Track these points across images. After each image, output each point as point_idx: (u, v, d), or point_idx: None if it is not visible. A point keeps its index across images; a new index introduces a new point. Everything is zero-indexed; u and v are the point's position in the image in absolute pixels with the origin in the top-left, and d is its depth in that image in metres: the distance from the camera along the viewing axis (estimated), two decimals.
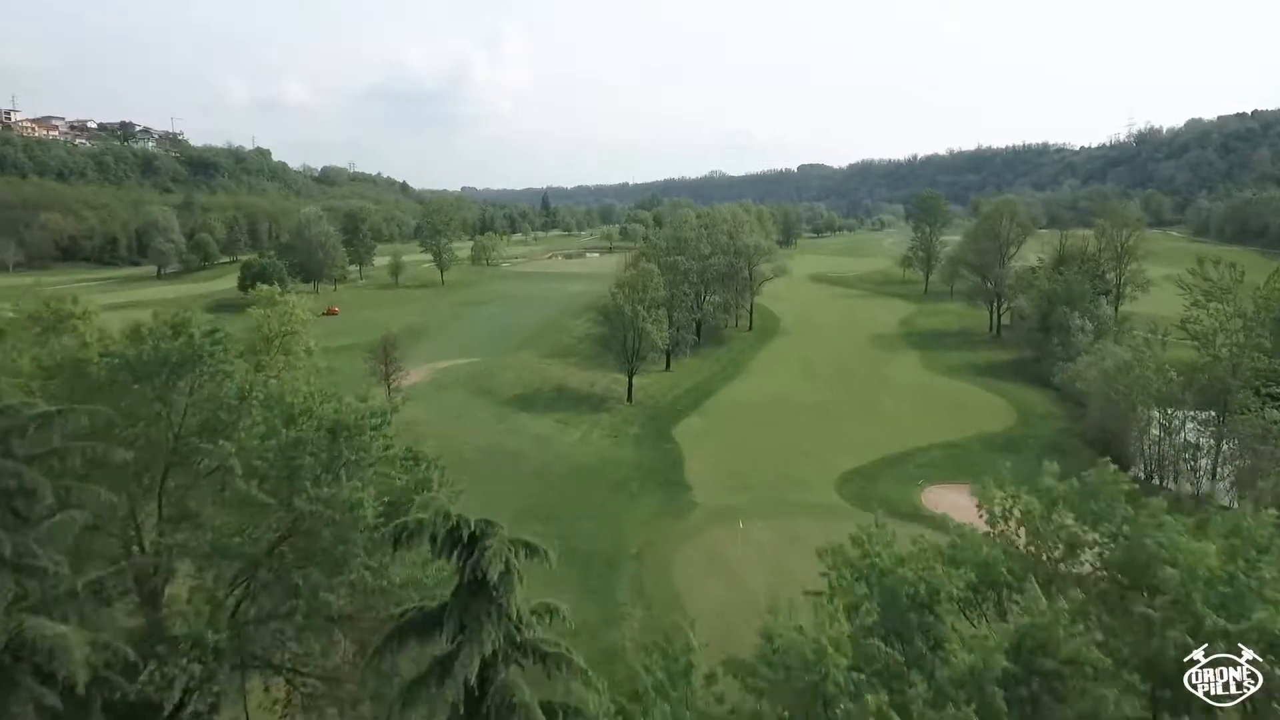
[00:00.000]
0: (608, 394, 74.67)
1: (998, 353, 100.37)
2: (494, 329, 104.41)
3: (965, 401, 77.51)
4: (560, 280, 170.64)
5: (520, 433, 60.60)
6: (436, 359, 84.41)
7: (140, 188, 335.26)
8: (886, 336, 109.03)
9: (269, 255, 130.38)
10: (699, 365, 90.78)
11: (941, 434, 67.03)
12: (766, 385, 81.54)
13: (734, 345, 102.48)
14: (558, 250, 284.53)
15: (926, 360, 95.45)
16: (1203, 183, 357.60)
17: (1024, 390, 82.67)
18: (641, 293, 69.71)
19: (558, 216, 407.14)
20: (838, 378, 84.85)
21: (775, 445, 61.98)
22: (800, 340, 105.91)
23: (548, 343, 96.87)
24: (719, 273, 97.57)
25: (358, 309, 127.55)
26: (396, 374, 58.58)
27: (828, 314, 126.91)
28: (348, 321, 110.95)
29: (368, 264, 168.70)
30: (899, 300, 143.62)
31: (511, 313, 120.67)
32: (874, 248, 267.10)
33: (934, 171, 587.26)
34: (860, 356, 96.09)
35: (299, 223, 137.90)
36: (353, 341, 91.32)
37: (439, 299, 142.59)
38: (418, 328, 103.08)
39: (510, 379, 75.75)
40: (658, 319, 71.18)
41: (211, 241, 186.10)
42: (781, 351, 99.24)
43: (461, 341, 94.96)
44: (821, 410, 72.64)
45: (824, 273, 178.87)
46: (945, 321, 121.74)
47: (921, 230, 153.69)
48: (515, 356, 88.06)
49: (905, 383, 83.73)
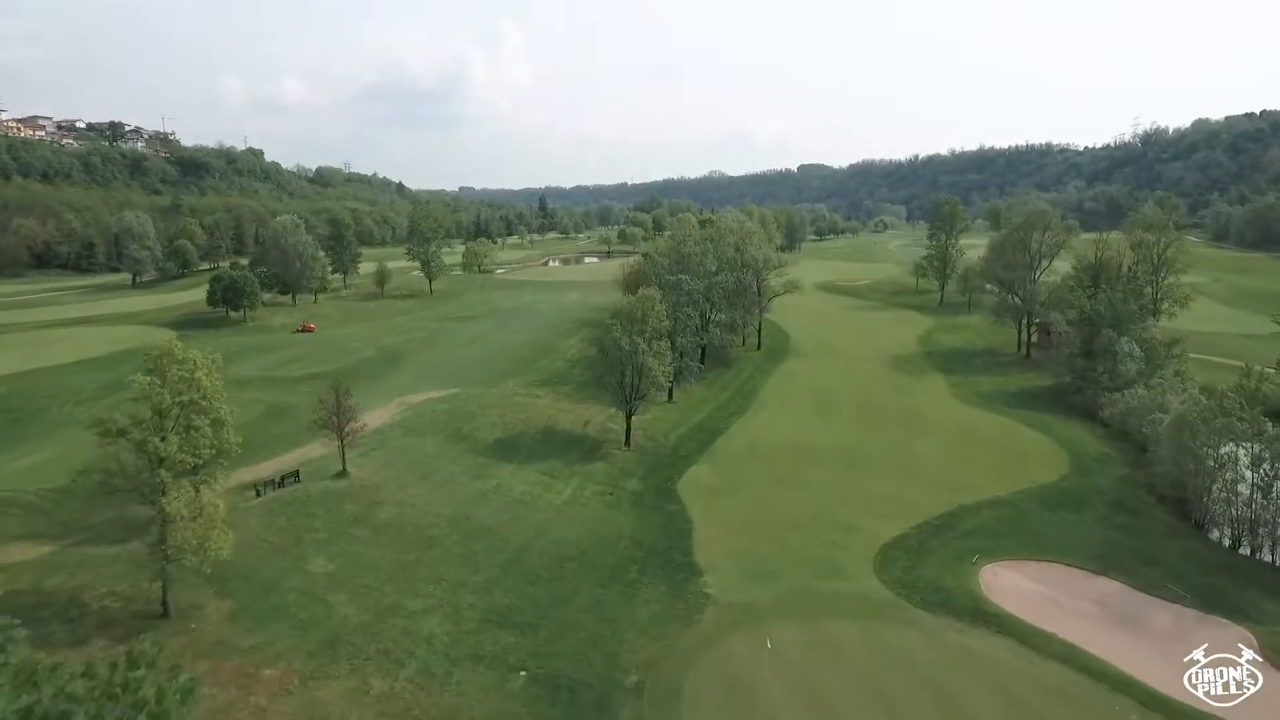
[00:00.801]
0: (603, 436, 64.97)
1: (1030, 377, 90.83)
2: (479, 352, 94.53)
3: (1008, 442, 67.91)
4: (555, 290, 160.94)
5: (498, 495, 50.78)
6: (411, 391, 74.61)
7: (128, 189, 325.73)
8: (907, 358, 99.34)
9: (241, 268, 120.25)
10: (705, 394, 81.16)
11: (988, 486, 57.53)
12: (781, 423, 71.88)
13: (742, 369, 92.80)
14: (554, 255, 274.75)
15: (955, 387, 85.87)
16: (1213, 184, 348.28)
17: (1069, 426, 73.11)
18: (641, 323, 60.02)
19: (555, 218, 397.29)
20: (860, 412, 75.18)
21: (798, 508, 52.36)
22: (814, 363, 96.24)
23: (537, 369, 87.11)
24: (726, 290, 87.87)
25: (335, 325, 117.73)
26: (351, 426, 48.89)
27: (841, 330, 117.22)
28: (319, 342, 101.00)
29: (353, 273, 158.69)
30: (914, 313, 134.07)
31: (500, 330, 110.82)
32: (880, 252, 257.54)
33: (935, 172, 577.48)
34: (882, 383, 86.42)
35: (274, 231, 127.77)
36: (317, 370, 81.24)
37: (425, 311, 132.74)
38: (395, 351, 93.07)
39: (491, 418, 65.93)
40: (660, 351, 61.54)
41: (190, 249, 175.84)
42: (794, 377, 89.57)
43: (441, 368, 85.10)
44: (846, 457, 63.00)
45: (832, 281, 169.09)
46: (967, 338, 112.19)
47: (937, 238, 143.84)
48: (500, 387, 78.29)
49: (937, 418, 74.07)
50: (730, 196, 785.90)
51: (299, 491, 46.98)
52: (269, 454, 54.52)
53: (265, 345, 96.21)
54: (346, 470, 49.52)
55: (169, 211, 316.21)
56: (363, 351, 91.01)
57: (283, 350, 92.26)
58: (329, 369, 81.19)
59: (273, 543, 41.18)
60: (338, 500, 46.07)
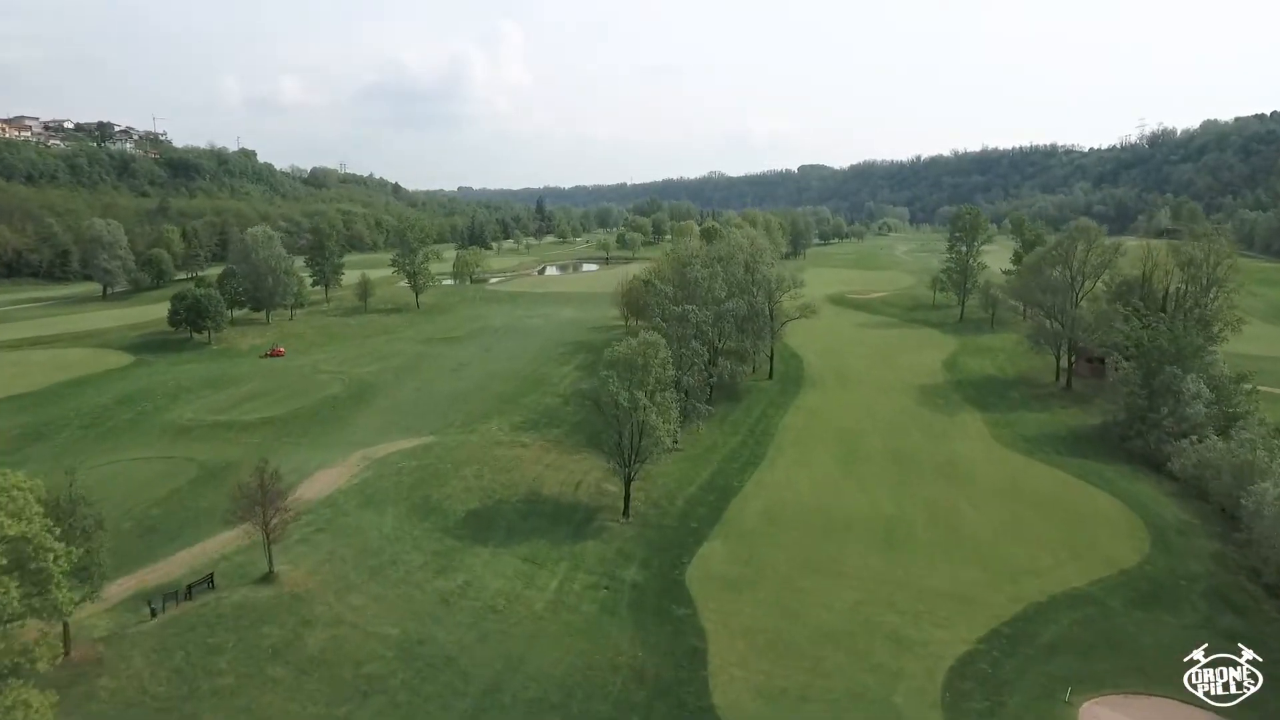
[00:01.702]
0: (597, 501, 54.77)
1: (1076, 414, 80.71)
2: (461, 384, 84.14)
3: (1069, 504, 57.66)
4: (550, 303, 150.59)
5: (466, 600, 40.48)
6: (377, 439, 64.41)
7: (114, 191, 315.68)
8: (935, 389, 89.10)
9: (206, 285, 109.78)
10: (714, 438, 70.97)
11: (1059, 572, 47.39)
12: (802, 478, 61.61)
13: (754, 403, 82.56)
14: (551, 261, 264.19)
15: (994, 427, 75.66)
16: (1225, 188, 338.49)
17: (1133, 480, 62.96)
18: (642, 373, 49.80)
19: (553, 221, 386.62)
20: (892, 463, 64.96)
21: (834, 608, 42.18)
22: (832, 395, 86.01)
23: (525, 406, 76.83)
24: (737, 317, 77.71)
25: (308, 347, 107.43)
26: (278, 520, 37.86)
27: (857, 353, 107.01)
28: (286, 372, 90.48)
29: (335, 285, 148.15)
30: (934, 331, 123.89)
31: (487, 355, 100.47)
32: (888, 259, 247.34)
33: (938, 173, 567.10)
34: (911, 423, 76.23)
35: (244, 244, 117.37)
36: (273, 413, 70.77)
37: (408, 330, 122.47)
38: (366, 384, 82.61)
39: (467, 480, 55.59)
40: (665, 405, 51.35)
41: (166, 258, 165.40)
42: (812, 414, 79.31)
43: (416, 407, 74.83)
44: (884, 529, 52.80)
45: (843, 293, 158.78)
46: (997, 364, 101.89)
47: (957, 249, 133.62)
48: (481, 431, 68.07)
49: (980, 470, 63.85)
50: (730, 197, 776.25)
51: (209, 606, 36.68)
52: (186, 540, 44.36)
53: (223, 376, 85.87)
54: (274, 571, 39.31)
55: (155, 214, 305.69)
56: (329, 386, 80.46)
57: (241, 383, 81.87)
58: (286, 410, 70.97)
59: (156, 697, 30.91)
60: (256, 620, 35.80)
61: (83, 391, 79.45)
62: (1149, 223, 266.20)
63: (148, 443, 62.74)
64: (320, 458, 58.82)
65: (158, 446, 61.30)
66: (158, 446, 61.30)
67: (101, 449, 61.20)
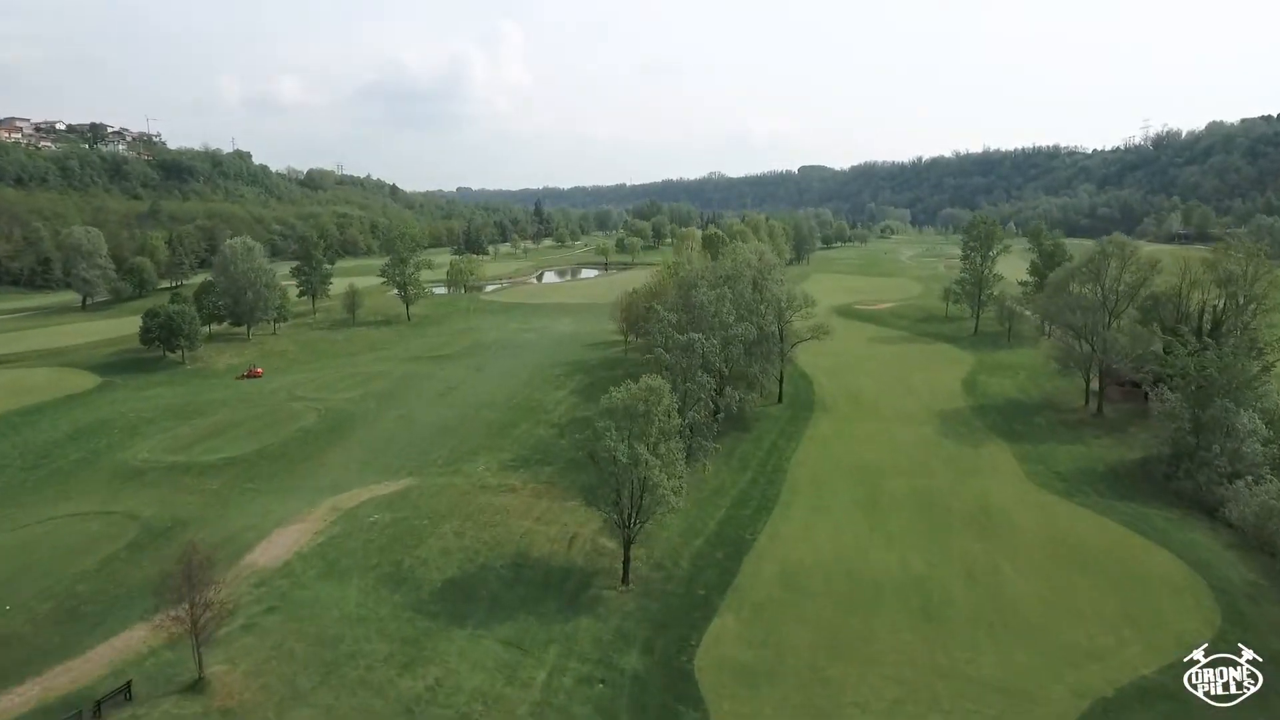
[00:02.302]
0: (592, 563, 48.27)
1: (1111, 445, 74.27)
2: (447, 413, 77.47)
3: (1121, 563, 51.05)
4: (546, 315, 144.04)
5: (432, 708, 33.75)
6: (350, 482, 57.89)
7: (106, 194, 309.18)
8: (956, 415, 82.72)
9: (181, 300, 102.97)
10: (722, 477, 64.52)
11: (1124, 655, 40.82)
12: (822, 528, 55.11)
13: (763, 433, 76.14)
14: (549, 266, 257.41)
15: (1026, 462, 69.18)
16: (1232, 190, 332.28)
17: (1187, 529, 56.41)
18: (644, 423, 43.27)
19: (551, 223, 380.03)
20: (919, 510, 58.44)
21: (871, 713, 35.70)
22: (847, 424, 79.57)
23: (516, 439, 70.32)
24: (746, 341, 71.23)
25: (288, 367, 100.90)
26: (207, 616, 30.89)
27: (869, 371, 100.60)
28: (259, 398, 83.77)
29: (322, 296, 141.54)
30: (949, 346, 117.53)
31: (478, 377, 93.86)
32: (893, 265, 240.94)
33: (939, 174, 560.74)
34: (935, 457, 69.79)
35: (223, 256, 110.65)
36: (237, 452, 63.80)
37: (396, 347, 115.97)
38: (344, 415, 75.83)
39: (445, 540, 49.03)
40: (671, 457, 44.86)
41: (148, 266, 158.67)
42: (827, 446, 72.90)
43: (396, 443, 68.17)
44: (919, 597, 46.25)
45: (850, 304, 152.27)
46: (1019, 384, 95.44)
47: (971, 260, 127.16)
48: (466, 472, 61.55)
49: (1017, 517, 57.32)
50: (730, 198, 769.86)
51: None
52: (112, 627, 37.75)
53: (190, 404, 79.24)
54: (204, 676, 32.79)
55: (145, 217, 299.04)
56: (303, 417, 73.63)
57: (208, 413, 75.20)
58: (252, 448, 64.43)
59: None
60: None
61: (36, 423, 72.99)
62: (1159, 227, 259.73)
63: (93, 489, 56.17)
64: (283, 509, 52.25)
65: (102, 495, 54.74)
66: (102, 495, 54.74)
67: (38, 499, 54.73)
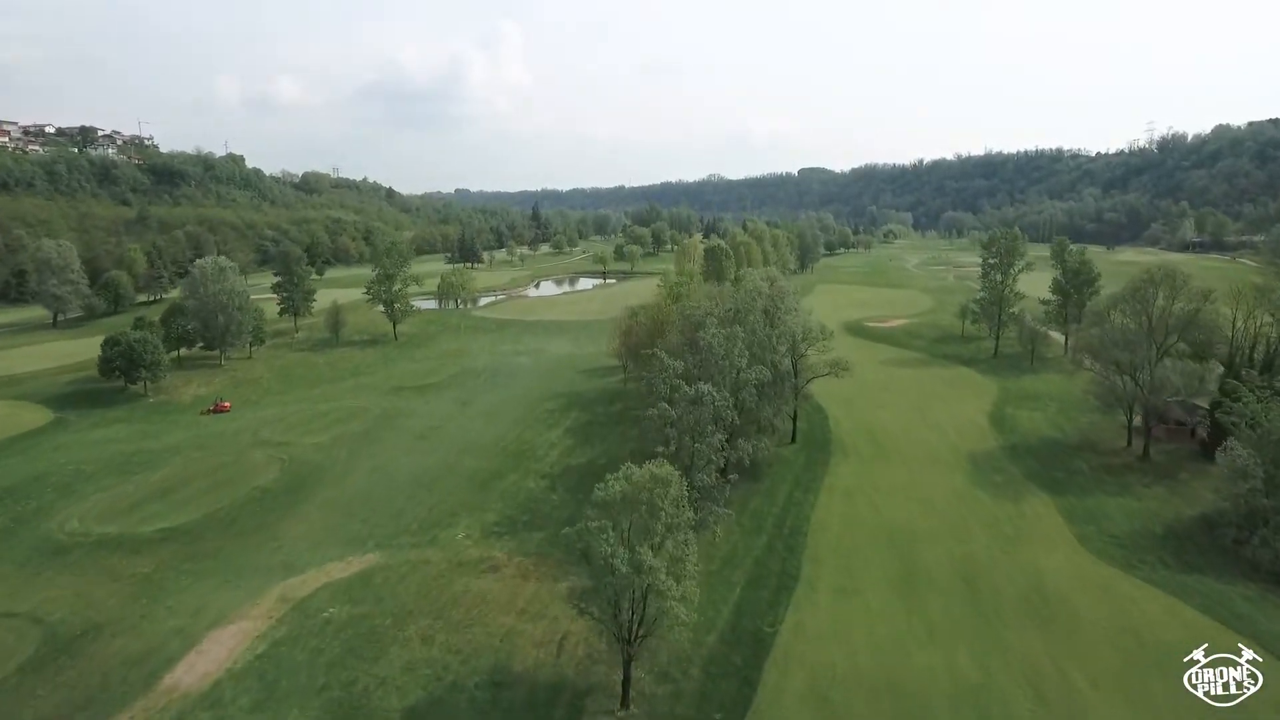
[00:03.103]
0: (586, 677, 40.07)
1: (1163, 495, 66.12)
2: (426, 461, 69.03)
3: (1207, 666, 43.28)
4: (541, 334, 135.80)
5: None
6: (306, 559, 49.69)
7: (93, 200, 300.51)
8: (988, 458, 74.70)
9: (144, 326, 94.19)
10: (734, 540, 56.45)
11: None
12: (855, 621, 46.91)
13: (777, 481, 68.10)
14: (546, 275, 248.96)
15: (1073, 520, 61.04)
16: (1241, 195, 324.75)
17: (1272, 611, 48.60)
18: (649, 517, 35.21)
19: (549, 228, 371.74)
20: (964, 593, 50.25)
21: None
22: (870, 469, 71.47)
23: (501, 495, 62.15)
24: (760, 385, 63.15)
25: (260, 399, 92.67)
26: None
27: (888, 402, 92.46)
28: (218, 442, 75.20)
29: (305, 313, 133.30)
30: (969, 370, 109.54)
31: (463, 414, 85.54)
32: (901, 274, 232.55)
33: (940, 177, 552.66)
34: (972, 517, 61.69)
35: (193, 277, 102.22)
36: (180, 520, 54.88)
37: (379, 373, 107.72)
38: (310, 467, 67.24)
39: (412, 647, 40.82)
40: (679, 553, 36.81)
41: (124, 281, 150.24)
42: (850, 500, 64.79)
43: (364, 502, 59.77)
44: (975, 716, 38.37)
45: (860, 320, 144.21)
46: (1050, 418, 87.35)
47: (991, 278, 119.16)
48: (443, 543, 53.38)
49: (1078, 604, 49.07)
50: (729, 200, 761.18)
51: None
52: None
53: (140, 451, 70.88)
54: None
55: (133, 224, 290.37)
56: (264, 471, 64.95)
57: (157, 465, 66.73)
58: (199, 513, 56.16)
59: None
60: None
61: None
62: (1172, 234, 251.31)
63: (2, 575, 47.95)
64: (222, 601, 44.12)
65: (11, 584, 46.39)
66: (11, 584, 46.39)
67: None
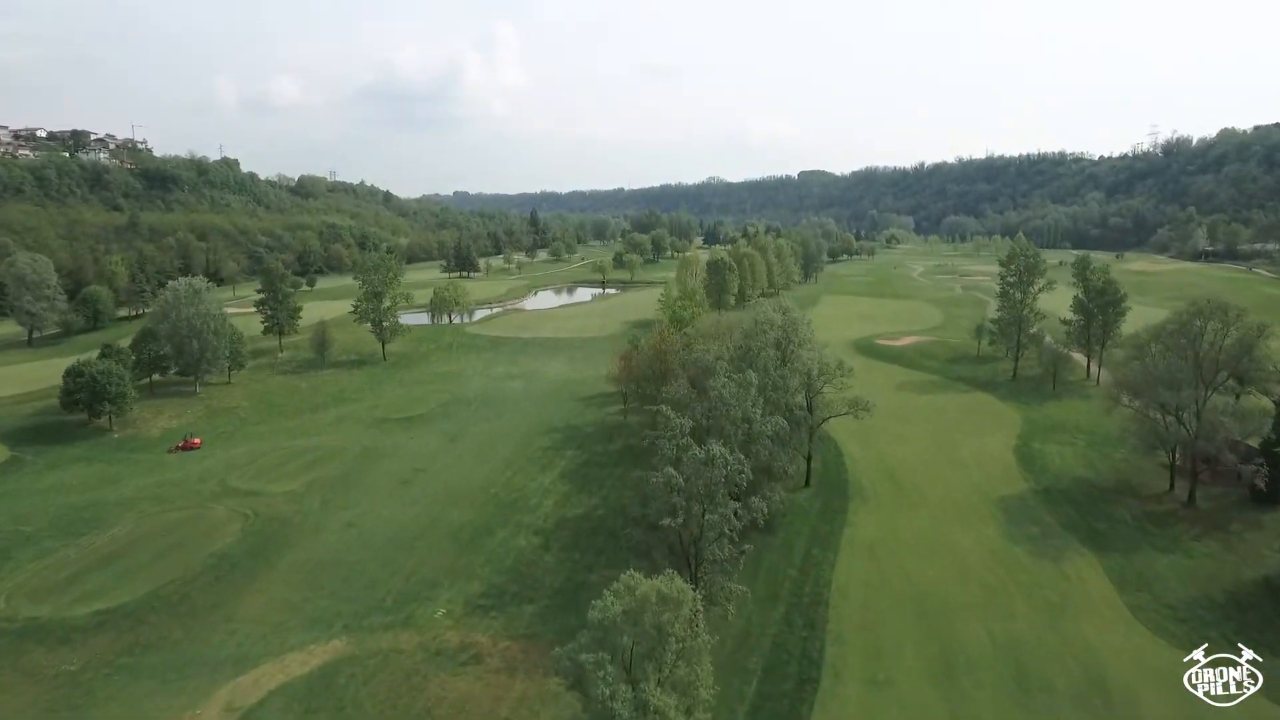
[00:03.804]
0: None
1: (1218, 552, 59.49)
2: (405, 518, 61.76)
3: None
4: (537, 354, 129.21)
5: None
6: (260, 650, 43.10)
7: (84, 205, 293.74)
8: (1020, 504, 68.26)
9: (111, 355, 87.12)
10: (747, 612, 49.88)
11: None
12: (885, 718, 40.66)
13: (793, 534, 61.65)
14: (543, 284, 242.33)
15: (1122, 586, 54.48)
16: (1249, 200, 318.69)
17: None
18: (658, 645, 28.78)
19: (548, 233, 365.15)
20: (1011, 687, 43.54)
21: None
22: (893, 522, 64.89)
23: (489, 557, 55.61)
24: (776, 435, 56.69)
25: (235, 430, 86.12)
26: None
27: (908, 437, 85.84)
28: (174, 494, 67.80)
29: (290, 331, 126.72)
30: (988, 396, 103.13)
31: (451, 450, 78.92)
32: (906, 284, 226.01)
33: (942, 180, 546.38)
34: (1011, 582, 55.14)
35: (164, 301, 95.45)
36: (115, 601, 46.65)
37: (366, 399, 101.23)
38: (277, 524, 60.03)
39: None
40: (692, 678, 30.43)
41: (105, 296, 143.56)
42: (874, 559, 58.25)
43: (335, 570, 52.97)
44: None
45: (870, 337, 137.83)
46: (1082, 455, 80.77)
47: (1010, 296, 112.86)
48: (418, 624, 46.83)
49: (1143, 698, 42.54)
50: (729, 203, 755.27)
51: None
52: None
53: (93, 504, 64.07)
54: None
55: (123, 230, 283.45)
56: (224, 531, 57.47)
57: (107, 523, 59.48)
58: (144, 590, 49.36)
59: None
60: None
61: None
62: (1184, 243, 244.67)
63: None
64: (156, 711, 37.60)
65: None
66: None
67: None
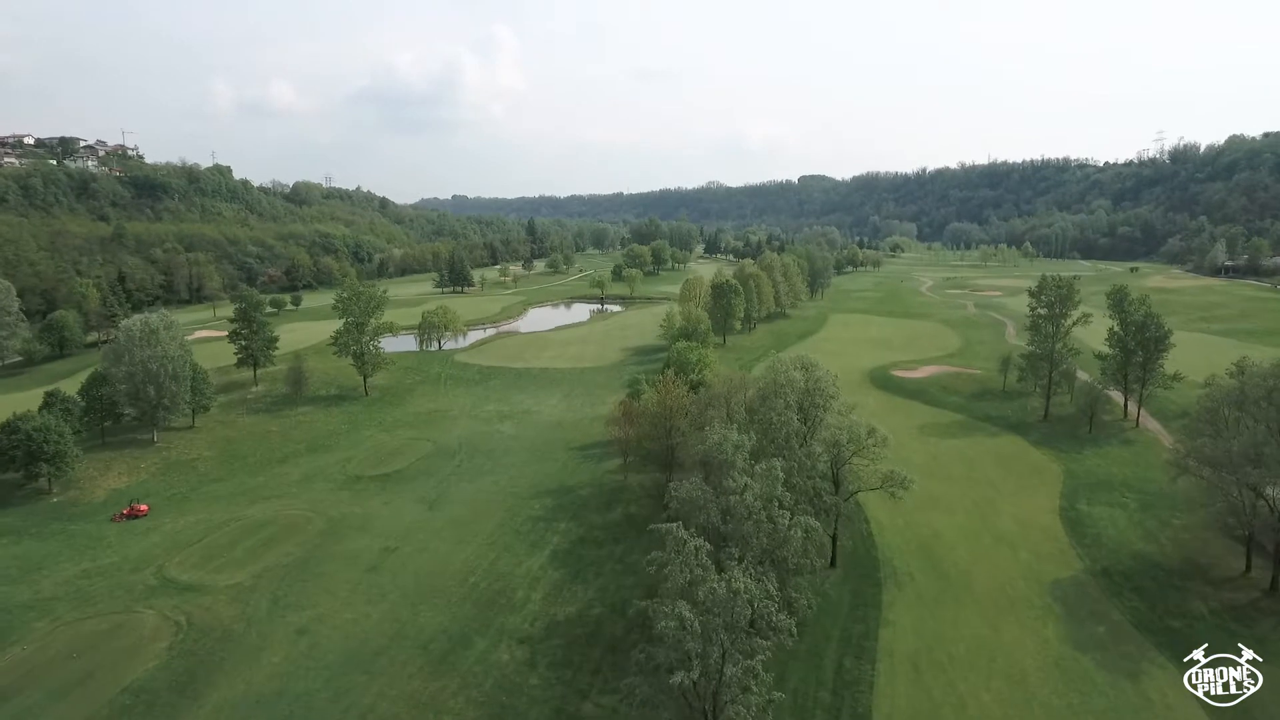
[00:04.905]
0: None
1: None
2: (367, 624, 51.98)
3: None
4: (531, 389, 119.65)
5: None
6: None
7: (70, 215, 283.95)
8: (1080, 593, 58.73)
9: (55, 404, 77.42)
10: None
11: None
12: None
13: (818, 642, 52.08)
14: (540, 301, 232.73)
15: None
16: (1262, 210, 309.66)
17: None
18: None
19: (545, 242, 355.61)
20: None
21: None
22: (935, 621, 55.35)
23: (464, 683, 45.88)
24: (803, 534, 47.25)
25: (191, 491, 76.61)
26: None
27: (941, 500, 75.93)
28: (98, 590, 57.49)
29: (266, 362, 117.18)
30: (1021, 441, 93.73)
31: (429, 523, 69.20)
32: (917, 301, 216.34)
33: (944, 186, 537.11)
34: (1086, 710, 45.63)
35: (117, 341, 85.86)
36: None
37: (340, 446, 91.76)
38: (212, 639, 49.54)
39: None
40: None
41: (72, 322, 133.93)
42: (919, 681, 48.51)
43: (272, 712, 43.42)
44: None
45: (885, 366, 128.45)
46: (1139, 524, 70.94)
47: (1041, 328, 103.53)
48: None
49: None
50: (729, 208, 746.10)
51: None
52: None
53: (2, 605, 54.54)
54: None
55: (108, 242, 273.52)
56: (144, 653, 46.66)
57: (11, 632, 49.84)
58: None
59: None
60: None
61: None
62: (1201, 257, 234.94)
63: None
64: None
65: None
66: None
67: None
